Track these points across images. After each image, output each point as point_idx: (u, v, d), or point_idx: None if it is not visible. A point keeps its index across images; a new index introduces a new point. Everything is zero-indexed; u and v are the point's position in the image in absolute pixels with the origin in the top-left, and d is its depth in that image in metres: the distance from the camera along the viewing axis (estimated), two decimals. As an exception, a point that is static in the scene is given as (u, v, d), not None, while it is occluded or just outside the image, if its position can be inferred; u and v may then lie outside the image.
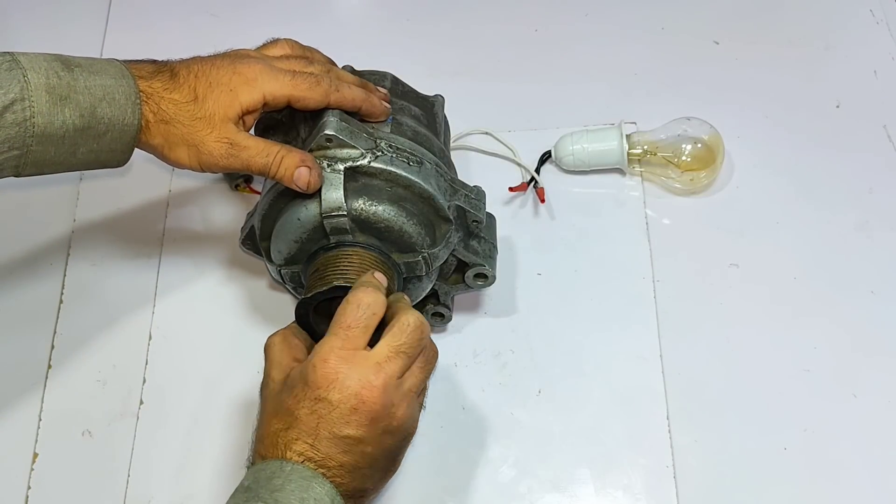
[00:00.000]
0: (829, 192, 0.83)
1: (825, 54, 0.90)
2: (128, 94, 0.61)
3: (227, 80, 0.64)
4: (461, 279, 0.73)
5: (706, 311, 0.79)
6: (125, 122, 0.61)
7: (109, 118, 0.61)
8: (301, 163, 0.64)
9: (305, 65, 0.69)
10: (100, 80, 0.61)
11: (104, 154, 0.62)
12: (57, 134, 0.59)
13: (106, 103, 0.61)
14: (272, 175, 0.65)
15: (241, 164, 0.65)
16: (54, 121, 0.59)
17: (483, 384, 0.77)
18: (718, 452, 0.73)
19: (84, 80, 0.60)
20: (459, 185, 0.71)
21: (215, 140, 0.64)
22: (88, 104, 0.60)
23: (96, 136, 0.61)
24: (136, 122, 0.62)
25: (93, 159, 0.62)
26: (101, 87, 0.61)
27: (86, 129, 0.60)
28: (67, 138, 0.60)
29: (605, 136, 0.83)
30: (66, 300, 0.83)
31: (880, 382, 0.75)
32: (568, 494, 0.72)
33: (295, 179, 0.64)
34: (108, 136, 0.61)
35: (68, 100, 0.59)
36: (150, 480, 0.75)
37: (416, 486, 0.73)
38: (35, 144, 0.59)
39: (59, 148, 0.60)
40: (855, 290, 0.79)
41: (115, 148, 0.62)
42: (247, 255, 0.78)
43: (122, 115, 0.61)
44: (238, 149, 0.64)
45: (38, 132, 0.58)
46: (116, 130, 0.61)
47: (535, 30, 0.95)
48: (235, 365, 0.79)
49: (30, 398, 0.78)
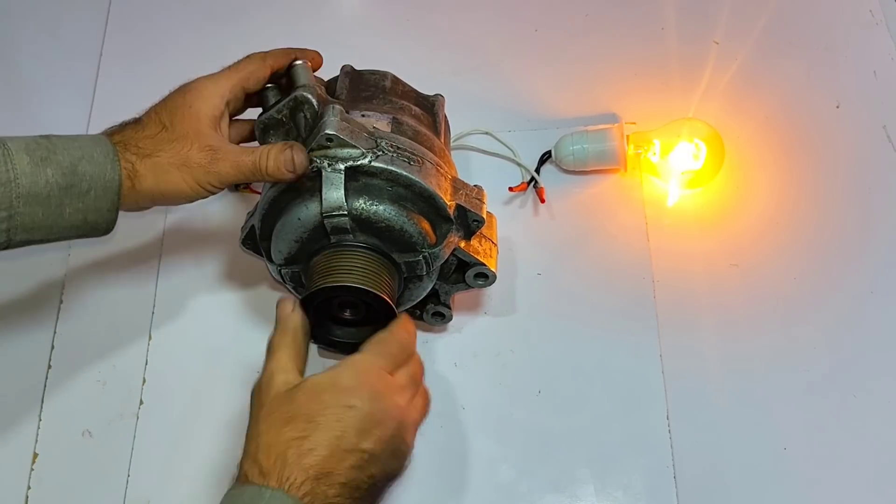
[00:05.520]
0: (829, 192, 0.83)
1: (825, 54, 0.90)
2: (105, 153, 0.63)
3: (182, 103, 0.67)
4: (461, 279, 0.73)
5: (706, 311, 0.79)
6: (106, 178, 0.63)
7: (91, 175, 0.62)
8: (284, 147, 0.66)
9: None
10: (77, 143, 0.63)
11: (91, 214, 0.64)
12: (42, 193, 0.61)
13: (86, 161, 0.62)
14: (263, 170, 0.66)
15: (231, 167, 0.66)
16: (38, 180, 0.60)
17: (483, 384, 0.77)
18: (718, 452, 0.73)
19: (61, 144, 0.62)
20: (460, 185, 0.71)
21: (198, 151, 0.66)
22: (69, 163, 0.62)
23: (80, 195, 0.62)
24: (117, 179, 0.63)
25: (80, 220, 0.63)
26: (78, 148, 0.63)
27: (70, 188, 0.62)
28: (53, 198, 0.61)
29: (605, 136, 0.83)
30: (66, 300, 0.83)
31: (880, 382, 0.75)
32: (568, 494, 0.72)
33: (283, 164, 0.66)
34: (93, 194, 0.63)
35: (49, 160, 0.61)
36: (150, 480, 0.75)
37: (416, 486, 0.73)
38: (22, 206, 0.60)
39: (47, 209, 0.61)
40: (855, 290, 0.79)
41: (100, 206, 0.64)
42: (247, 255, 0.78)
43: (103, 171, 0.63)
44: (222, 152, 0.66)
45: (24, 192, 0.60)
46: (99, 188, 0.63)
47: (535, 30, 0.95)
48: (235, 365, 0.79)
49: (30, 398, 0.78)
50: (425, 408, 0.65)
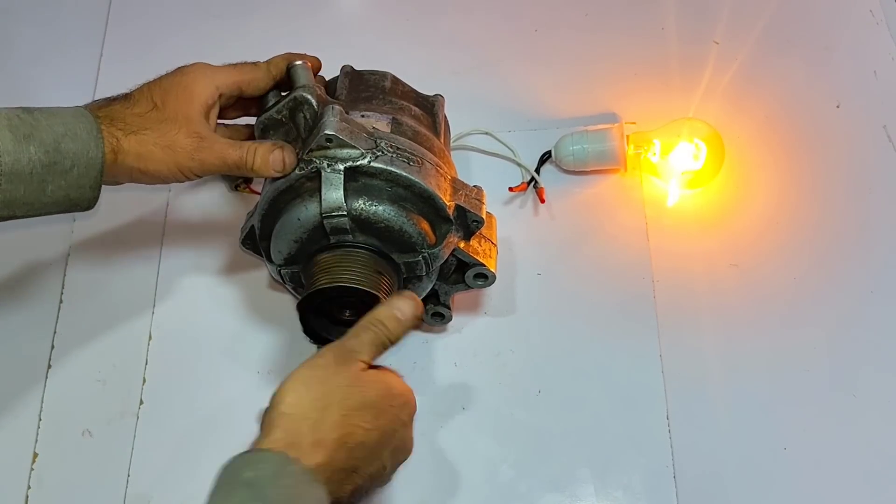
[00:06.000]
0: (829, 192, 0.83)
1: (825, 54, 0.90)
2: (89, 130, 0.63)
3: (178, 82, 0.68)
4: (461, 279, 0.73)
5: (706, 311, 0.79)
6: (89, 156, 0.63)
7: (74, 153, 0.62)
8: (273, 147, 0.67)
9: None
10: (60, 119, 0.63)
11: (73, 191, 0.63)
12: (25, 171, 0.60)
13: (69, 138, 0.62)
14: (249, 166, 0.67)
15: (215, 158, 0.67)
16: (21, 158, 0.60)
17: (483, 384, 0.77)
18: (718, 452, 0.73)
19: (45, 120, 0.62)
20: (459, 185, 0.71)
21: (185, 136, 0.66)
22: (52, 140, 0.61)
23: (63, 172, 0.62)
24: (100, 156, 0.63)
25: (63, 197, 0.63)
26: (61, 125, 0.62)
27: (52, 165, 0.61)
28: (35, 175, 0.61)
29: (605, 137, 0.83)
30: (66, 300, 0.83)
31: (880, 382, 0.75)
32: (568, 494, 0.72)
33: (271, 164, 0.66)
34: (75, 172, 0.63)
35: (31, 137, 0.61)
36: (150, 480, 0.75)
37: (416, 486, 0.73)
38: (4, 183, 0.60)
39: (29, 186, 0.61)
40: (855, 290, 0.79)
41: (83, 184, 0.63)
42: (247, 255, 0.78)
43: (86, 148, 0.63)
44: (209, 141, 0.67)
45: (7, 170, 0.60)
46: (82, 165, 0.63)
47: (535, 30, 0.95)
48: (235, 365, 0.79)
49: (30, 398, 0.78)
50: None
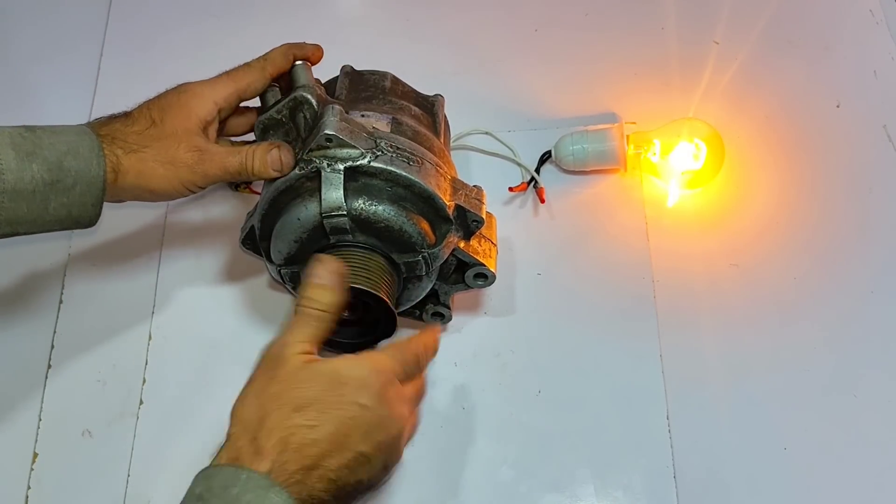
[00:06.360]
0: (829, 192, 0.83)
1: (825, 54, 0.90)
2: (91, 147, 0.63)
3: (176, 100, 0.68)
4: (461, 279, 0.73)
5: (706, 311, 0.79)
6: (91, 174, 0.63)
7: (76, 171, 0.62)
8: (270, 147, 0.67)
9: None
10: (62, 137, 0.63)
11: (76, 209, 0.64)
12: (27, 189, 0.61)
13: (71, 156, 0.62)
14: (250, 170, 0.67)
15: (217, 168, 0.67)
16: (24, 176, 0.60)
17: (483, 384, 0.77)
18: (718, 452, 0.73)
19: (48, 138, 0.62)
20: (459, 185, 0.71)
21: (185, 150, 0.66)
22: (55, 158, 0.62)
23: (65, 190, 0.62)
24: (102, 175, 0.63)
25: (65, 215, 0.63)
26: (64, 143, 0.63)
27: (55, 183, 0.62)
28: (38, 193, 0.61)
29: (605, 137, 0.83)
30: (66, 300, 0.83)
31: (880, 382, 0.75)
32: (568, 494, 0.72)
33: (269, 164, 0.67)
34: (78, 189, 0.63)
35: (34, 155, 0.61)
36: (149, 480, 0.75)
37: (415, 486, 0.73)
38: (7, 201, 0.60)
39: (31, 204, 0.61)
40: (855, 290, 0.79)
41: (85, 202, 0.64)
42: (247, 255, 0.78)
43: (88, 167, 0.63)
44: (209, 153, 0.67)
45: (9, 188, 0.60)
46: (84, 183, 0.63)
47: (535, 30, 0.95)
48: (236, 365, 0.78)
49: (30, 398, 0.78)
50: (416, 427, 0.64)
